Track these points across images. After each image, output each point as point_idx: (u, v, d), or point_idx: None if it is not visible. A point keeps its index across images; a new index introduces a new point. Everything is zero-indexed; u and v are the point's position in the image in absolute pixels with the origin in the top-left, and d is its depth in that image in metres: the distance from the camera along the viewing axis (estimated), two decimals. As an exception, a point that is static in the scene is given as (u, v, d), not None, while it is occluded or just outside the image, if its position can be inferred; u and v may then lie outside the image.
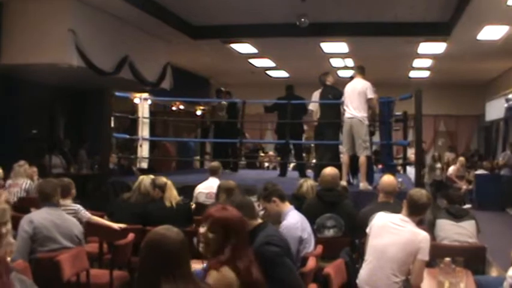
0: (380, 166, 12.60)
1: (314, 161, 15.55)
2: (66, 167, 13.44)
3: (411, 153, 14.34)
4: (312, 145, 15.05)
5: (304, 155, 14.02)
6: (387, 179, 6.21)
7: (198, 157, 14.33)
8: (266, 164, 17.78)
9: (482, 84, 21.04)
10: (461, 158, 17.79)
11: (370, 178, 9.18)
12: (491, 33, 13.04)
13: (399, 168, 12.64)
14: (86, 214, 6.53)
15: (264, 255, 3.94)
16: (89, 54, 10.98)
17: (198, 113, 18.59)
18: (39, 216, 5.31)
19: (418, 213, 4.81)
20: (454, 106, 21.60)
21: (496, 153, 19.53)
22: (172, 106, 18.88)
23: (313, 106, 10.77)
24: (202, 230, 3.53)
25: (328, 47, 15.40)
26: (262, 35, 14.16)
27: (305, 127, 15.26)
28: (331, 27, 13.49)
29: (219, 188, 6.33)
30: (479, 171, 17.00)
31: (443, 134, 22.88)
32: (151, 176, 7.57)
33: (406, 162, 12.84)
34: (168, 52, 14.92)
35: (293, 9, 11.99)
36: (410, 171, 12.68)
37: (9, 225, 3.09)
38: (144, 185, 7.33)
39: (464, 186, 16.36)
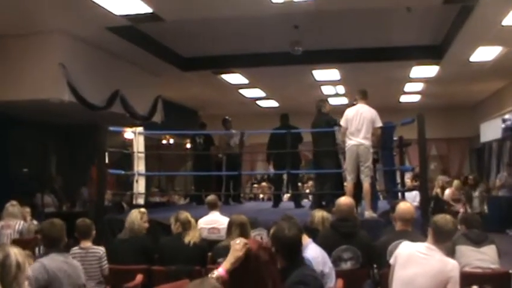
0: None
1: (308, 190, 15.52)
2: (58, 205, 13.15)
3: (407, 178, 14.24)
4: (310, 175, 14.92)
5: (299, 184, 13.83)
6: (404, 206, 5.94)
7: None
8: (261, 196, 17.54)
9: (474, 106, 21.06)
10: (456, 181, 17.64)
11: (375, 206, 8.97)
12: (484, 54, 13.03)
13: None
14: (106, 263, 6.26)
15: None
16: (80, 89, 10.86)
17: (188, 146, 18.38)
18: (51, 265, 4.82)
19: (444, 240, 4.61)
20: (445, 129, 21.50)
21: (489, 175, 19.45)
22: (163, 140, 18.71)
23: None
24: None
25: (319, 74, 15.34)
26: (254, 65, 14.09)
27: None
28: (323, 54, 13.43)
29: (232, 223, 6.06)
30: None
31: (435, 157, 22.77)
32: (142, 210, 7.28)
33: (405, 189, 12.64)
34: (159, 85, 14.82)
35: (286, 38, 11.86)
36: (408, 196, 12.51)
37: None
38: (131, 218, 7.04)
39: (461, 209, 16.19)
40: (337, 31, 12.08)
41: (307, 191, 15.91)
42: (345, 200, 6.47)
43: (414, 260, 4.54)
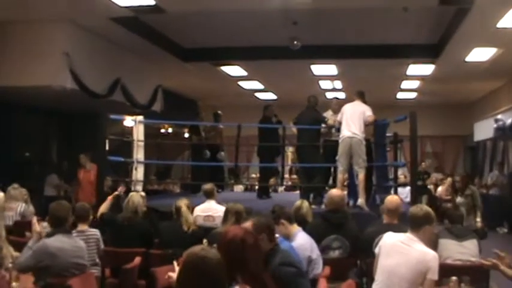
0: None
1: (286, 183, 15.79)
2: (64, 187, 13.41)
3: (400, 174, 14.49)
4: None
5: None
6: (391, 199, 6.27)
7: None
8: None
9: (469, 105, 21.26)
10: (450, 179, 17.89)
11: (370, 199, 9.32)
12: (479, 55, 13.23)
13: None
14: (101, 244, 6.51)
15: (281, 276, 3.96)
16: (82, 77, 11.05)
17: (186, 135, 18.59)
18: (56, 246, 5.04)
19: (417, 227, 4.80)
20: (441, 127, 21.75)
21: (483, 173, 19.71)
22: (161, 128, 18.93)
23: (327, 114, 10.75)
24: None
25: (318, 69, 15.56)
26: (253, 58, 14.29)
27: (290, 149, 15.42)
28: (321, 50, 13.64)
29: (228, 211, 6.31)
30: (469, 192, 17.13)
31: (430, 154, 22.99)
32: (142, 193, 7.56)
33: (398, 184, 12.90)
34: (159, 74, 15.02)
35: (285, 32, 12.09)
36: (401, 192, 12.77)
37: None
38: (133, 201, 7.35)
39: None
40: (336, 27, 12.29)
41: (289, 183, 16.18)
42: (336, 192, 6.79)
43: (396, 250, 4.79)
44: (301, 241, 5.22)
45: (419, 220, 4.79)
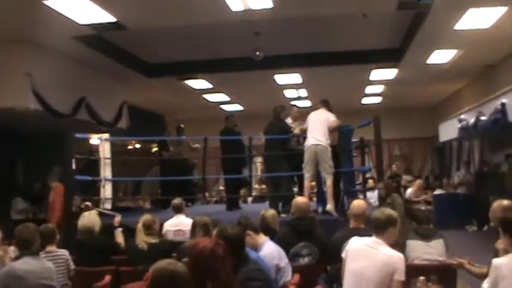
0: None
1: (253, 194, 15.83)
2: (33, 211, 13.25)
3: (369, 178, 14.64)
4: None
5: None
6: (356, 203, 6.36)
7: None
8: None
9: (433, 106, 21.59)
10: (419, 181, 18.14)
11: (339, 204, 9.41)
12: (440, 57, 13.45)
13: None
14: (72, 264, 6.48)
15: None
16: (46, 97, 10.93)
17: (154, 150, 18.51)
18: (22, 269, 5.03)
19: (381, 230, 4.88)
20: (407, 129, 22.01)
21: (450, 173, 19.97)
22: (129, 145, 18.82)
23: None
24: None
25: (281, 78, 15.65)
26: (217, 70, 14.35)
27: (259, 159, 15.50)
28: (284, 59, 13.72)
29: (196, 224, 6.32)
30: (438, 191, 17.39)
31: (398, 157, 23.22)
32: (94, 211, 7.56)
33: (366, 188, 13.03)
34: (124, 91, 14.95)
35: (247, 44, 12.17)
36: (371, 196, 12.91)
37: None
38: (89, 220, 7.33)
39: (422, 207, 16.64)
40: (298, 36, 12.36)
41: (255, 193, 16.23)
42: (301, 200, 6.85)
43: (363, 253, 4.86)
44: (269, 250, 5.25)
45: (382, 224, 4.87)
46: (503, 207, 4.88)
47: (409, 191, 17.54)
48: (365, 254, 4.82)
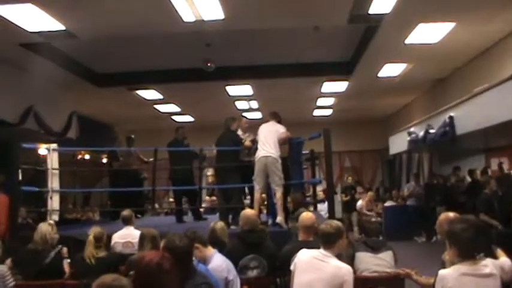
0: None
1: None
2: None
3: (319, 190, 14.74)
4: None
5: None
6: (305, 215, 6.35)
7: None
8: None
9: (384, 119, 21.86)
10: (370, 193, 18.33)
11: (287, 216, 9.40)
12: (390, 70, 13.66)
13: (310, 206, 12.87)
14: (11, 280, 6.21)
15: None
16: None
17: (104, 161, 18.27)
18: None
19: (330, 243, 4.89)
20: (358, 142, 22.23)
21: (400, 185, 20.21)
22: (78, 155, 18.53)
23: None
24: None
25: (233, 90, 15.66)
26: (168, 81, 14.30)
27: (210, 171, 15.44)
28: (235, 71, 13.78)
29: (144, 237, 6.22)
30: (388, 203, 17.59)
31: (349, 169, 23.40)
32: (51, 222, 7.39)
33: (316, 200, 13.09)
34: (73, 101, 14.78)
35: (198, 55, 12.15)
36: (321, 208, 12.97)
37: None
38: (42, 231, 7.15)
39: (373, 218, 16.81)
40: (249, 48, 12.41)
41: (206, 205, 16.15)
42: (250, 212, 6.81)
43: (311, 266, 4.85)
44: (218, 263, 5.19)
45: (331, 237, 4.89)
46: (449, 219, 4.92)
47: (360, 202, 17.71)
48: (314, 266, 4.82)
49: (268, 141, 9.20)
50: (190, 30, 10.19)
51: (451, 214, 5.11)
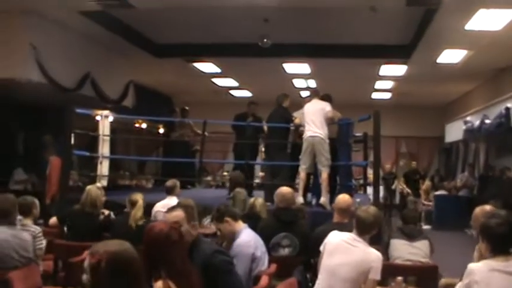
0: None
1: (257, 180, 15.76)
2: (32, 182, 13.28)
3: (370, 173, 14.57)
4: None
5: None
6: (342, 197, 6.29)
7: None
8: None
9: (442, 106, 21.40)
10: (428, 183, 18.04)
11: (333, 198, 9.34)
12: (450, 56, 13.29)
13: (359, 188, 12.78)
14: (42, 242, 6.24)
15: (215, 264, 4.09)
16: (50, 70, 10.88)
17: (161, 131, 18.50)
18: None
19: (367, 232, 4.85)
20: (415, 128, 21.82)
21: (455, 174, 19.84)
22: (135, 124, 18.80)
23: (297, 113, 10.71)
24: None
25: (290, 67, 15.53)
26: (225, 55, 14.22)
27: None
28: (293, 49, 13.55)
29: (178, 205, 6.28)
30: (439, 192, 17.29)
31: (405, 155, 23.07)
32: (98, 185, 7.51)
33: (366, 183, 12.96)
34: (131, 70, 14.88)
35: (256, 30, 12.06)
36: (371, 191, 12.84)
37: None
38: (91, 194, 7.29)
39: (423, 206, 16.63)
40: (307, 26, 12.21)
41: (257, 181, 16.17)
42: (285, 190, 6.76)
43: (340, 249, 4.81)
44: (246, 238, 5.20)
45: (368, 227, 4.83)
46: (485, 212, 4.79)
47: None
48: (342, 250, 4.79)
49: (315, 120, 9.12)
50: (248, 4, 10.12)
51: (487, 207, 4.98)
